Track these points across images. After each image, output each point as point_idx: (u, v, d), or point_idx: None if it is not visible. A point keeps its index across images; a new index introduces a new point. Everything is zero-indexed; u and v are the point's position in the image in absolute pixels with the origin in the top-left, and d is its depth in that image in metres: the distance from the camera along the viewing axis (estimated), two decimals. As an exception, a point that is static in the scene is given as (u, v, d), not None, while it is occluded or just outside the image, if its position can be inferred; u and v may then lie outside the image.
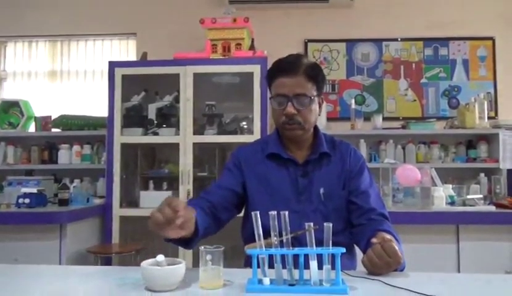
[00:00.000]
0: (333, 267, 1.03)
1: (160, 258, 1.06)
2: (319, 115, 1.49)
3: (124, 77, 3.15)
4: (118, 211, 3.06)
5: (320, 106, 1.49)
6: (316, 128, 1.52)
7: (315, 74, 1.42)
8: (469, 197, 2.78)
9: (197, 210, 1.25)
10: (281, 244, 1.06)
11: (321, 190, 1.42)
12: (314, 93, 1.42)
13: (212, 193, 1.44)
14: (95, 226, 3.11)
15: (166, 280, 1.03)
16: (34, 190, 2.85)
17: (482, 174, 3.23)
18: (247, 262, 1.41)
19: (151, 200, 3.01)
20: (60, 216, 2.70)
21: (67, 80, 3.88)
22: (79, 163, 3.42)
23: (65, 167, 3.42)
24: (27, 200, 2.76)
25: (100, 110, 3.52)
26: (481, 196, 2.83)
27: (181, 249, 2.77)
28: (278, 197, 1.40)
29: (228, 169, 1.51)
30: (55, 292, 1.08)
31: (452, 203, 2.75)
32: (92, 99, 3.79)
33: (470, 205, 2.70)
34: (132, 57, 3.78)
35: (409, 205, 2.80)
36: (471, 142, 3.40)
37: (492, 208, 2.69)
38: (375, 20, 3.65)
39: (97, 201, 3.14)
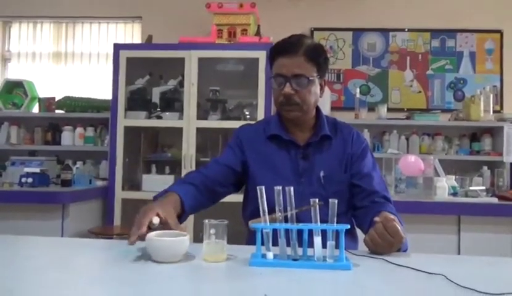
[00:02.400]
0: (336, 246, 1.03)
1: (156, 220, 1.09)
2: (320, 97, 1.46)
3: (128, 60, 3.13)
4: (120, 194, 3.07)
5: (322, 89, 1.46)
6: (318, 111, 1.51)
7: (316, 55, 1.39)
8: (471, 188, 2.78)
9: (185, 189, 1.31)
10: (286, 220, 1.05)
11: (321, 173, 1.41)
12: (315, 74, 1.39)
13: (209, 168, 1.45)
14: (97, 208, 3.12)
15: (170, 251, 1.03)
16: (37, 170, 2.85)
17: (485, 167, 3.22)
18: (249, 240, 1.41)
19: (153, 183, 3.01)
20: (62, 196, 2.70)
21: (71, 62, 3.87)
22: (82, 145, 3.42)
23: (68, 149, 3.42)
24: (30, 180, 2.77)
25: (104, 93, 3.51)
26: (483, 188, 2.83)
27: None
28: (278, 177, 1.38)
29: (229, 147, 1.51)
30: (57, 260, 1.08)
31: (454, 194, 2.75)
32: (96, 82, 3.78)
33: (473, 196, 2.70)
34: (137, 41, 3.76)
35: (411, 195, 2.80)
36: (475, 135, 3.39)
37: (494, 200, 2.68)
38: (383, 10, 3.62)
39: (100, 183, 3.15)
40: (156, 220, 1.12)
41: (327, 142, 1.46)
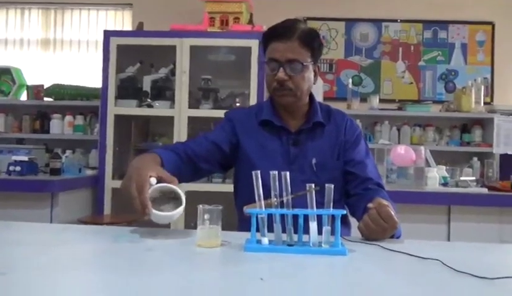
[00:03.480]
0: (332, 233, 1.02)
1: (153, 181, 1.09)
2: (314, 84, 1.44)
3: (119, 47, 3.08)
4: (110, 183, 3.03)
5: (316, 76, 1.44)
6: (312, 97, 1.49)
7: (310, 40, 1.37)
8: (462, 178, 2.80)
9: (168, 155, 1.28)
10: (281, 205, 1.04)
11: (313, 161, 1.40)
12: (309, 60, 1.37)
13: (197, 142, 1.42)
14: (87, 197, 3.09)
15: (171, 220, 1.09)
16: (25, 159, 2.80)
17: (475, 158, 3.25)
18: (240, 228, 1.39)
19: None
20: (51, 185, 2.66)
21: (60, 49, 3.81)
22: (71, 134, 3.38)
23: (56, 137, 3.37)
24: (18, 168, 2.72)
25: (94, 81, 3.46)
26: (473, 178, 2.85)
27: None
28: (268, 163, 1.36)
29: (221, 127, 1.48)
30: (48, 245, 1.06)
31: (445, 184, 2.77)
32: (85, 70, 3.73)
33: (463, 187, 2.72)
34: (128, 29, 3.70)
35: (403, 185, 2.81)
36: (466, 126, 3.42)
37: (484, 190, 2.71)
38: (376, 0, 3.61)
39: (89, 172, 3.11)
40: (154, 181, 1.10)
41: (319, 129, 1.44)
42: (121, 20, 3.80)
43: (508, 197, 2.65)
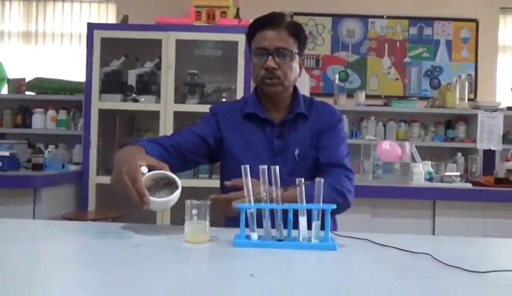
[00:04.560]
0: (321, 228, 1.01)
1: (144, 169, 1.08)
2: (299, 76, 1.44)
3: (103, 40, 3.03)
4: (94, 178, 2.98)
5: (301, 68, 1.44)
6: (295, 89, 1.48)
7: (297, 31, 1.38)
8: (446, 173, 2.83)
9: (153, 147, 1.28)
10: (271, 200, 1.03)
11: (296, 151, 1.39)
12: (296, 50, 1.38)
13: (182, 135, 1.41)
14: (71, 193, 3.03)
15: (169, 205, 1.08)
16: (7, 154, 2.73)
17: (459, 154, 3.29)
18: (227, 224, 1.37)
19: None
20: (34, 181, 2.60)
21: (42, 43, 3.72)
22: (54, 129, 3.31)
23: (39, 132, 3.30)
24: (-1, 163, 2.65)
25: (77, 75, 3.39)
26: (458, 173, 2.89)
27: (158, 213, 2.77)
28: (253, 157, 1.35)
29: (206, 120, 1.47)
30: (31, 242, 1.03)
31: (430, 180, 2.79)
32: (68, 64, 3.65)
33: (448, 182, 2.75)
34: (112, 22, 3.64)
35: (388, 180, 2.83)
36: (450, 122, 3.45)
37: (469, 185, 2.74)
38: (362, -4, 3.62)
39: (73, 167, 3.05)
40: (144, 170, 1.08)
41: (302, 120, 1.43)
42: (105, 13, 3.74)
43: (492, 192, 2.70)
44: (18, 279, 0.73)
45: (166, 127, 2.97)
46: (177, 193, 1.08)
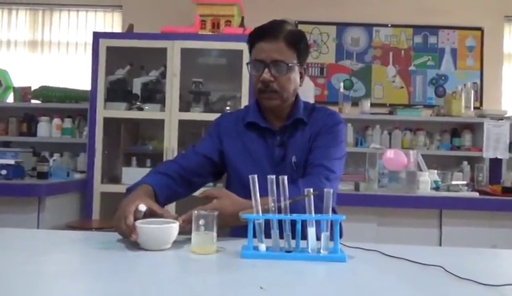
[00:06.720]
0: (331, 239, 1.00)
1: (142, 207, 1.07)
2: (300, 86, 1.42)
3: (108, 49, 3.04)
4: (99, 187, 2.98)
5: (302, 77, 1.42)
6: (297, 97, 1.45)
7: (296, 41, 1.35)
8: (453, 182, 2.81)
9: (159, 180, 1.28)
10: (278, 211, 1.02)
11: (293, 159, 1.37)
12: (294, 61, 1.35)
13: (186, 158, 1.41)
14: (76, 201, 3.02)
15: (161, 237, 1.02)
16: (12, 162, 2.73)
17: (465, 162, 3.26)
18: (232, 234, 1.35)
19: (133, 176, 2.86)
20: (38, 189, 2.60)
21: (48, 51, 3.74)
22: (59, 137, 3.31)
23: (44, 140, 3.30)
24: (4, 172, 2.65)
25: (83, 84, 3.40)
26: (465, 182, 2.86)
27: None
28: (255, 167, 1.32)
29: (209, 135, 1.47)
30: (35, 252, 1.02)
31: (437, 189, 2.77)
32: (74, 72, 3.67)
33: (455, 191, 2.72)
34: (118, 31, 3.65)
35: (394, 189, 2.81)
36: (456, 131, 3.43)
37: (476, 194, 2.72)
38: (367, 5, 3.62)
39: (78, 176, 3.05)
40: (143, 207, 1.07)
41: (301, 126, 1.41)
42: (111, 22, 3.75)
43: (499, 201, 2.67)
44: (21, 290, 0.72)
45: (171, 136, 2.97)
46: (171, 226, 1.03)
